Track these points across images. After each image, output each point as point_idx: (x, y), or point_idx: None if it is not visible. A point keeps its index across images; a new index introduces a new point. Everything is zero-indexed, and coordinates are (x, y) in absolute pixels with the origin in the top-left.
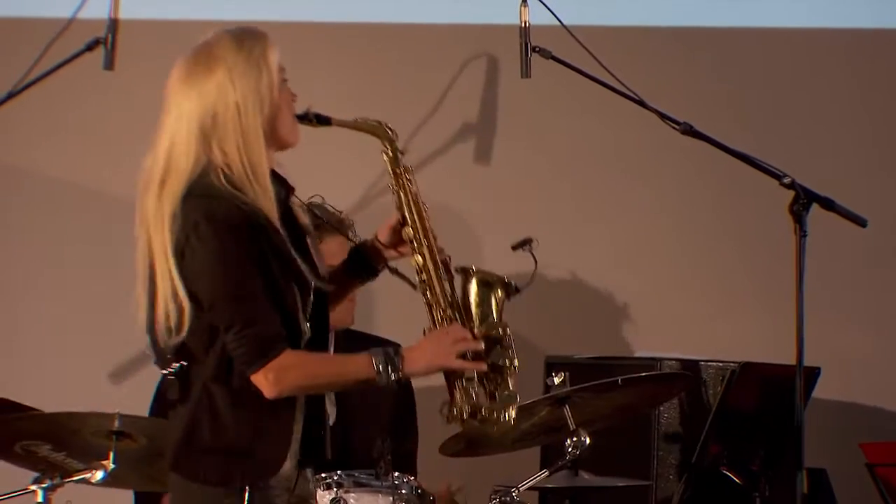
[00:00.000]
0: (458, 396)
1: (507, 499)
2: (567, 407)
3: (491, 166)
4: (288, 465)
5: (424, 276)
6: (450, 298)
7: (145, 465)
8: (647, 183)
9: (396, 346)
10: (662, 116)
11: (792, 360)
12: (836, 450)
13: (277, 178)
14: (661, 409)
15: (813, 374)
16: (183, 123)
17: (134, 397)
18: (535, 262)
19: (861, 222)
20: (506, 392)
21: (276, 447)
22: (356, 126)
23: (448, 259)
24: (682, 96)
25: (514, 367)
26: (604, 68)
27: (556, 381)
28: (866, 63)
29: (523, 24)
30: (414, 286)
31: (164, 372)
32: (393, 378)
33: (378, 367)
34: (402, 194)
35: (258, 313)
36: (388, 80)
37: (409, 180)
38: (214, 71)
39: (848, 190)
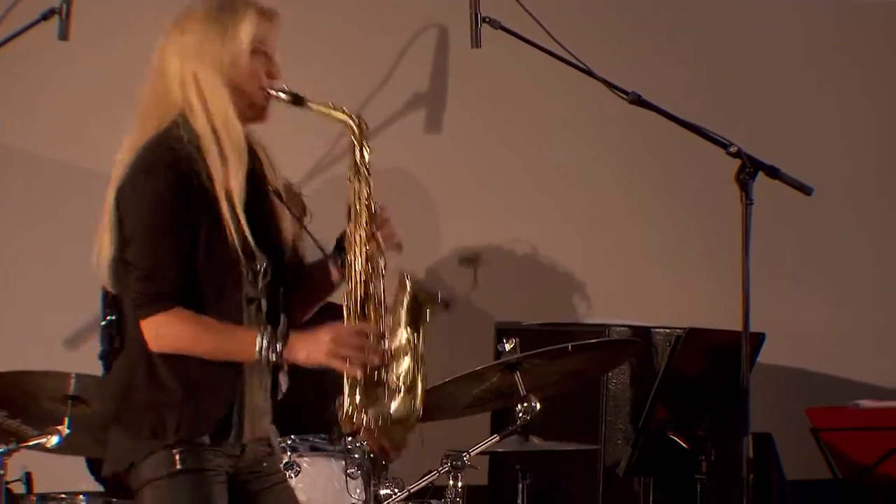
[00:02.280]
0: (342, 396)
1: (459, 463)
2: (517, 373)
3: (441, 135)
4: (247, 431)
5: (351, 273)
6: (358, 294)
7: (100, 431)
8: (596, 152)
9: (289, 330)
10: (610, 86)
11: (738, 326)
12: (781, 415)
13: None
14: (611, 374)
15: (758, 340)
16: (162, 80)
17: (90, 364)
18: (476, 281)
19: (806, 190)
20: (384, 387)
21: (212, 405)
22: (329, 113)
23: (384, 265)
24: (631, 65)
25: (400, 389)
26: (553, 39)
27: (507, 347)
28: (814, 31)
29: None
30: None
31: (102, 323)
32: (272, 359)
33: (260, 346)
34: (354, 191)
35: (160, 264)
36: (337, 47)
37: (368, 180)
38: (188, 33)
39: (795, 158)
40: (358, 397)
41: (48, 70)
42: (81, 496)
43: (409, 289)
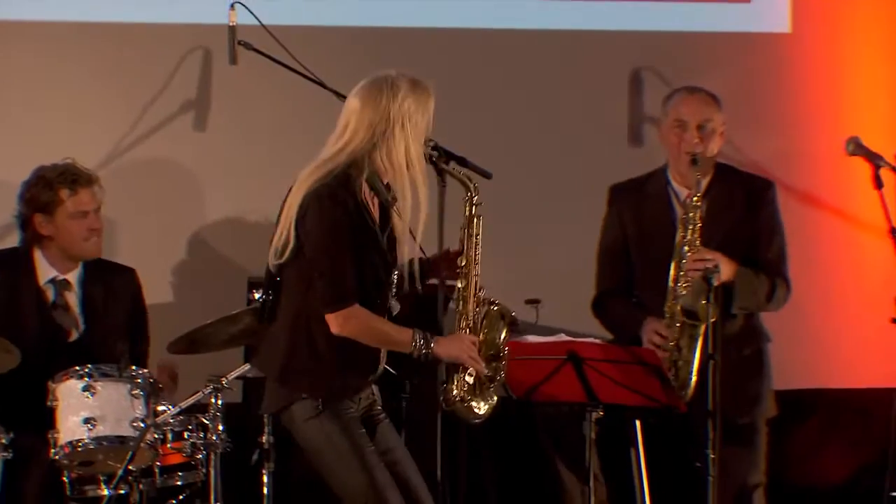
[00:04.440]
0: (452, 385)
1: (218, 385)
2: None
3: (206, 132)
4: (362, 384)
5: (462, 294)
6: (472, 317)
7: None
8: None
9: (431, 333)
10: (338, 95)
11: None
12: None
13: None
14: None
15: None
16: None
17: None
18: (537, 318)
19: (487, 175)
20: (490, 394)
21: (355, 378)
22: (458, 176)
23: (482, 290)
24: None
25: (501, 379)
26: (293, 58)
27: (256, 296)
28: (510, 58)
29: (231, 23)
30: (451, 300)
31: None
32: (423, 352)
33: (416, 343)
34: (468, 236)
35: (343, 270)
36: (121, 62)
37: (477, 229)
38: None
39: (485, 149)
40: (466, 389)
41: None
42: None
43: (494, 308)
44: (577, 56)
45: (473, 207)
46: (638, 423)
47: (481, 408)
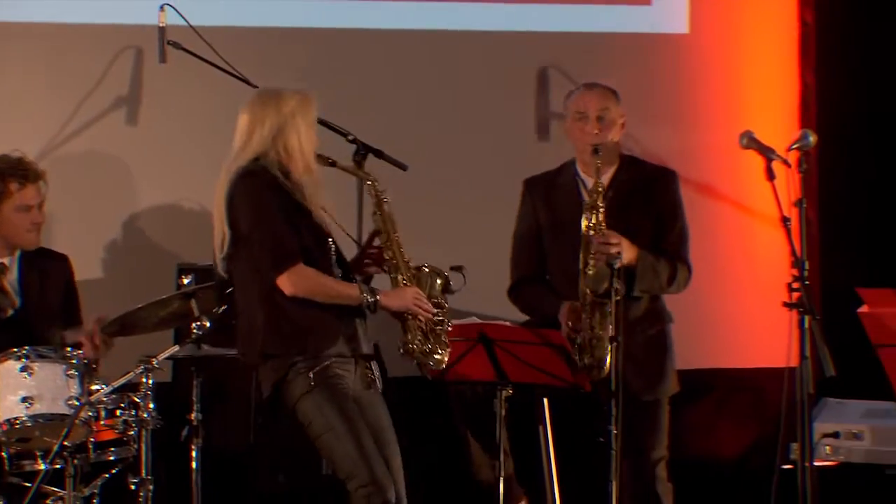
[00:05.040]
0: (408, 335)
1: (149, 365)
2: (193, 300)
3: (138, 126)
4: (345, 349)
5: (391, 263)
6: (408, 273)
7: None
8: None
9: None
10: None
11: None
12: (386, 329)
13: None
14: None
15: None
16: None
17: None
18: (465, 281)
19: (402, 167)
20: (442, 340)
21: (328, 328)
22: (348, 170)
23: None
24: (278, 79)
25: (447, 326)
26: (220, 57)
27: (185, 281)
28: (428, 58)
29: (161, 24)
30: (385, 270)
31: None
32: (371, 302)
33: (363, 293)
34: (381, 215)
35: (279, 233)
36: (59, 62)
37: (386, 207)
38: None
39: (402, 144)
40: (420, 338)
41: None
42: None
43: (427, 268)
44: (488, 55)
45: (375, 191)
46: (545, 400)
47: (440, 355)
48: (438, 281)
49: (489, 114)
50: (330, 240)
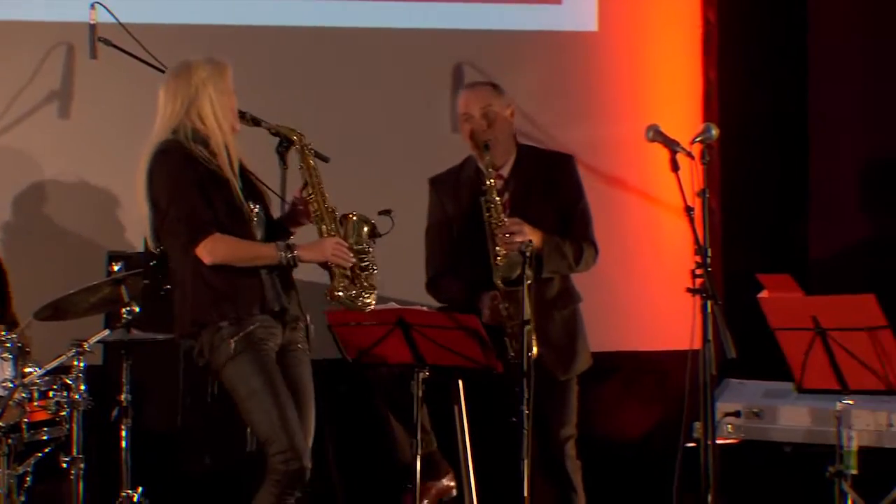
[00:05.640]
0: (335, 282)
1: (80, 349)
2: (122, 286)
3: (70, 119)
4: (269, 311)
5: (316, 214)
6: (333, 223)
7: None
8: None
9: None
10: None
11: None
12: (315, 304)
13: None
14: None
15: None
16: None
17: None
18: (393, 224)
19: (325, 159)
20: (367, 283)
21: (250, 293)
22: (275, 129)
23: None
24: None
25: (373, 270)
26: (148, 53)
27: (115, 268)
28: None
29: (92, 21)
30: (312, 222)
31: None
32: (290, 259)
33: (280, 251)
34: (306, 168)
35: (192, 205)
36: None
37: (311, 160)
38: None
39: (323, 137)
40: (344, 284)
41: None
42: None
43: (354, 216)
44: (406, 51)
45: (301, 144)
46: (460, 381)
47: (367, 299)
48: (365, 228)
49: (407, 108)
50: (253, 203)
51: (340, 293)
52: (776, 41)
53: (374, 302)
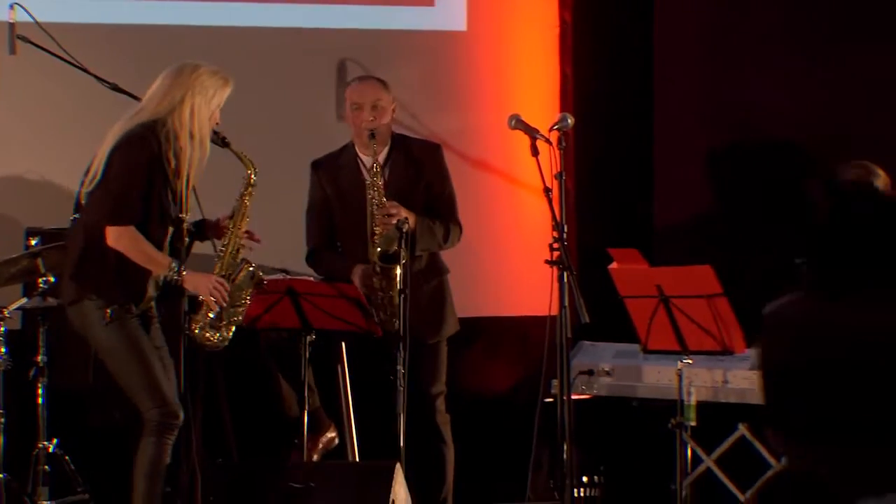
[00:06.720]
0: (199, 314)
1: (1, 315)
2: (39, 259)
3: None
4: (136, 308)
5: (222, 250)
6: (227, 266)
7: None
8: (86, 129)
9: (185, 267)
10: (98, 79)
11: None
12: None
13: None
14: None
15: None
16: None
17: None
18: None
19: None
20: (227, 321)
21: (133, 295)
22: (242, 157)
23: (241, 250)
24: (122, 71)
25: (238, 321)
26: (64, 50)
27: (33, 242)
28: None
29: (11, 20)
30: (216, 250)
31: (70, 219)
32: (174, 278)
33: (171, 270)
34: (240, 203)
35: (130, 195)
36: None
37: (247, 199)
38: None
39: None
40: (206, 321)
41: None
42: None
43: (246, 266)
44: (294, 49)
45: (249, 182)
46: (343, 343)
47: (214, 337)
48: (252, 281)
49: (296, 99)
50: (183, 217)
51: (196, 326)
52: (625, 38)
53: (218, 343)
